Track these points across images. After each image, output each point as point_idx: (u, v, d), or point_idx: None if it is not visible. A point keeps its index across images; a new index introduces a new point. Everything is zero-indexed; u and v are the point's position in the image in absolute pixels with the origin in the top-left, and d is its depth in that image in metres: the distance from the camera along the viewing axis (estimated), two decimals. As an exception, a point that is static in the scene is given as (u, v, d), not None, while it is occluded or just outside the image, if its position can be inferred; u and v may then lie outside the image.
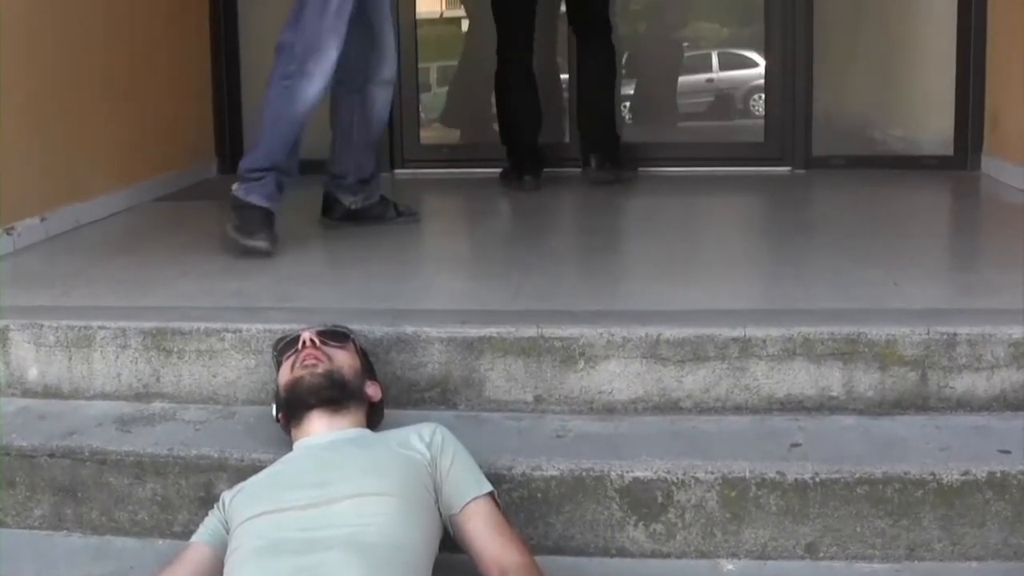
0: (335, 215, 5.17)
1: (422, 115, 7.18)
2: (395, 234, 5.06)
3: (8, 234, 4.72)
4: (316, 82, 4.56)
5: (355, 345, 3.20)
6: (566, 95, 6.80)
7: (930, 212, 5.76)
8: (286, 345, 3.18)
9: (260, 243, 4.51)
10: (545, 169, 6.22)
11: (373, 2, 4.77)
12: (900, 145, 6.89)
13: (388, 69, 4.92)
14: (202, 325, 3.54)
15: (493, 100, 6.39)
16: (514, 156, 6.23)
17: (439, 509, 2.78)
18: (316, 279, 4.24)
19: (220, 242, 4.65)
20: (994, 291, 3.80)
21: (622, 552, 3.02)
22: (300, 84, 4.54)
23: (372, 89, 4.94)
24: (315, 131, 4.88)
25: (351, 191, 5.04)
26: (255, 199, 4.59)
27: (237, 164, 6.69)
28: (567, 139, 6.80)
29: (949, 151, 6.61)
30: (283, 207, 4.69)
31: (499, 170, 6.36)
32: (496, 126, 6.43)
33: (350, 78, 4.84)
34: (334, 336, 3.16)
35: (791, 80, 6.68)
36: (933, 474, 2.94)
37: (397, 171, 6.91)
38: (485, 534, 2.73)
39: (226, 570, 2.64)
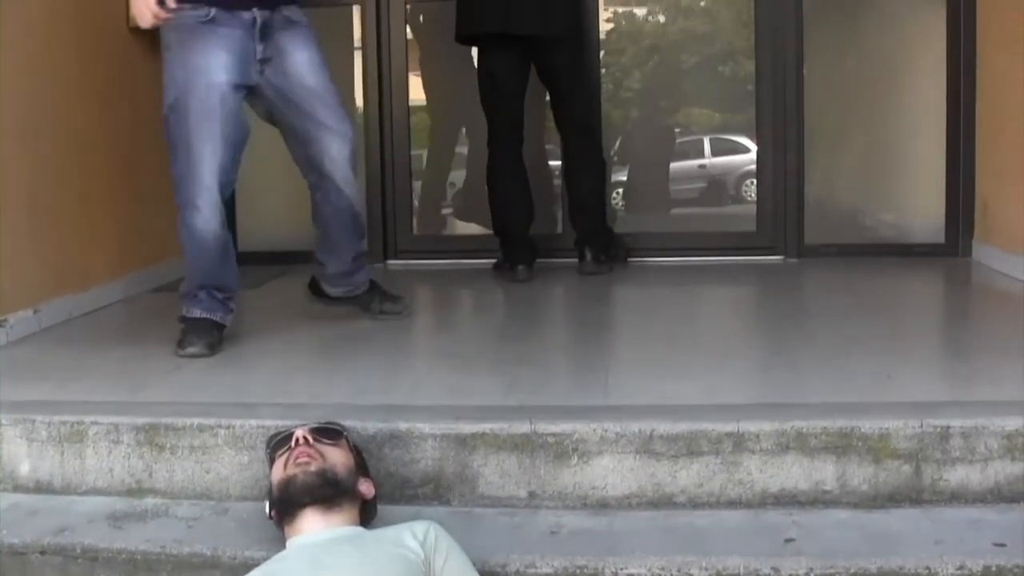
0: (320, 300, 5.17)
1: (415, 203, 7.20)
2: (388, 326, 5.07)
3: (1, 326, 4.72)
4: (205, 213, 4.54)
5: (348, 442, 3.20)
6: (558, 184, 6.82)
7: (923, 301, 5.78)
8: (279, 442, 3.18)
9: (192, 350, 4.50)
10: (538, 259, 6.23)
11: (281, 104, 4.65)
12: (892, 232, 6.92)
13: (331, 118, 4.69)
14: (195, 421, 3.53)
15: (486, 190, 6.39)
16: (507, 247, 6.25)
17: (433, 608, 2.78)
18: (309, 373, 4.24)
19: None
20: (987, 382, 3.80)
21: (618, 652, 3.01)
22: (192, 217, 4.55)
23: (324, 159, 4.76)
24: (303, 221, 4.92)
25: (332, 282, 5.04)
26: (195, 312, 4.62)
27: (231, 255, 6.76)
28: (559, 229, 6.83)
29: (940, 238, 6.64)
30: (276, 300, 4.69)
31: (492, 261, 6.37)
32: (489, 216, 6.43)
33: (308, 175, 4.84)
34: (327, 433, 3.16)
35: (782, 167, 6.72)
36: (928, 568, 2.93)
37: (390, 262, 6.94)
38: (478, 632, 2.73)
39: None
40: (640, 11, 7.52)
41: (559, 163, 6.76)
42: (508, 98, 6.23)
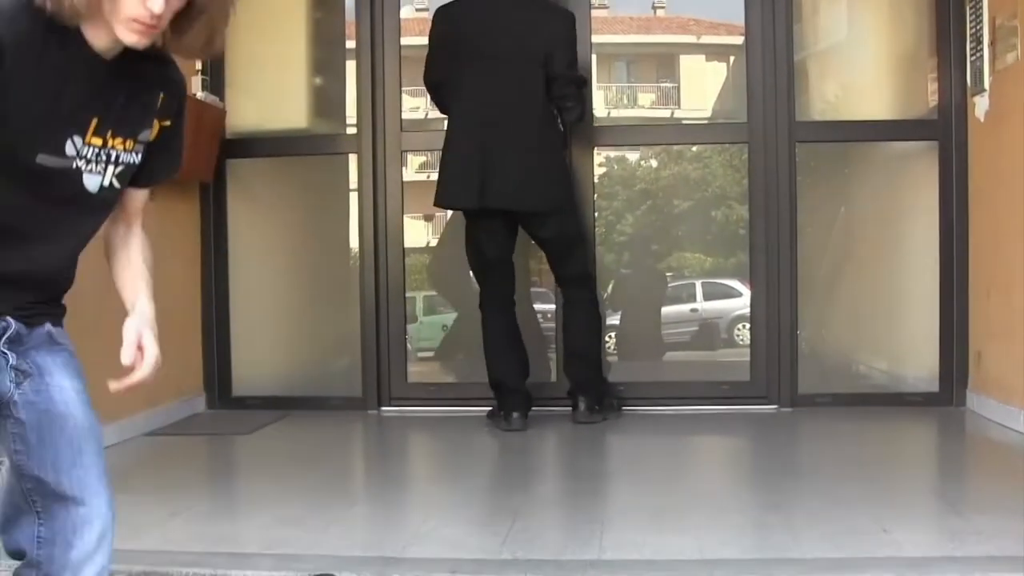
0: None
1: (409, 346, 7.22)
2: (382, 476, 5.06)
3: (-1, 468, 4.71)
4: None
5: (343, 600, 3.20)
6: (550, 331, 6.84)
7: (918, 452, 5.79)
8: (275, 595, 3.18)
9: None
10: (532, 408, 6.24)
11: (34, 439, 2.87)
12: (886, 381, 6.95)
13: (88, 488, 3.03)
14: (191, 571, 3.52)
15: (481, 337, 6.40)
16: (501, 396, 6.25)
17: None
18: (304, 523, 4.22)
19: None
20: (984, 538, 3.78)
21: None
22: None
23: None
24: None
25: None
26: None
27: (225, 399, 6.75)
28: (553, 377, 6.83)
29: (935, 387, 6.64)
30: (270, 446, 4.63)
31: (487, 408, 6.38)
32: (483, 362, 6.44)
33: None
34: (323, 586, 3.16)
35: (776, 314, 6.73)
36: None
37: (383, 408, 6.92)
38: None
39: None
40: (632, 155, 7.63)
41: (551, 307, 6.81)
42: (495, 265, 6.28)
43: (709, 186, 7.36)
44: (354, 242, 7.23)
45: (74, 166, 2.49)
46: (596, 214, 6.98)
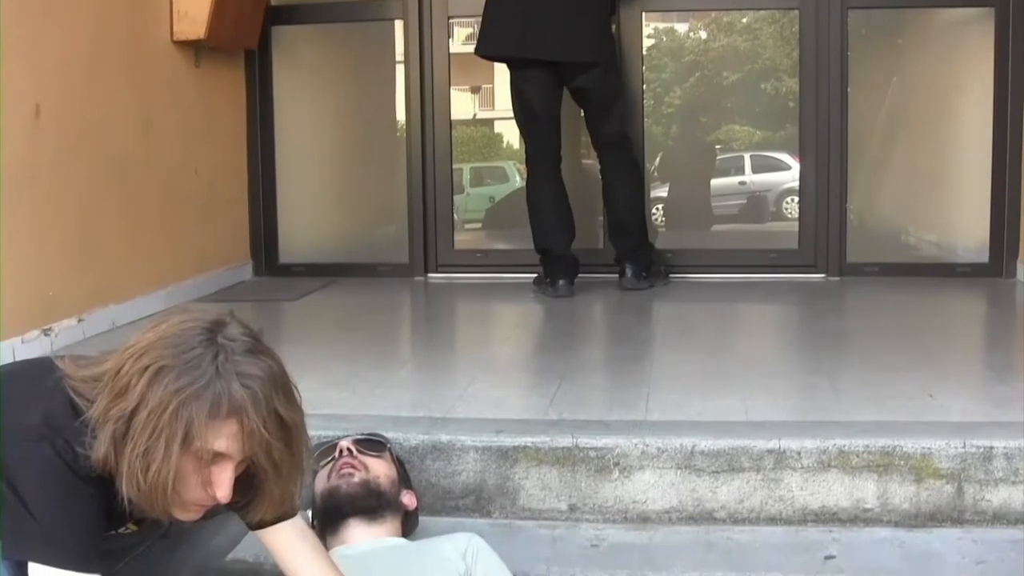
0: None
1: (456, 217, 7.22)
2: (430, 340, 5.08)
3: (46, 335, 4.76)
4: None
5: (391, 454, 3.22)
6: (600, 200, 6.81)
7: (965, 322, 5.76)
8: (323, 453, 3.19)
9: None
10: (579, 275, 6.23)
11: None
12: (935, 252, 6.90)
13: None
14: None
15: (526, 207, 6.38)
16: (547, 262, 6.24)
17: (474, 619, 2.78)
18: (351, 386, 4.24)
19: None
20: (1031, 403, 3.78)
21: (659, 664, 3.01)
22: None
23: None
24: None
25: None
26: None
27: (272, 266, 6.76)
28: (601, 244, 6.81)
29: (984, 258, 6.60)
30: (317, 312, 4.64)
31: (533, 275, 6.38)
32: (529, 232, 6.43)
33: None
34: (371, 445, 3.18)
35: (825, 186, 6.69)
36: (969, 589, 2.93)
37: (431, 275, 6.94)
38: (519, 644, 2.73)
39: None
40: (682, 27, 7.52)
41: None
42: (541, 118, 6.22)
43: (759, 58, 7.26)
44: (400, 113, 7.21)
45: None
46: (644, 86, 6.92)
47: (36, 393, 2.26)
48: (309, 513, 3.13)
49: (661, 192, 7.33)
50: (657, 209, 7.20)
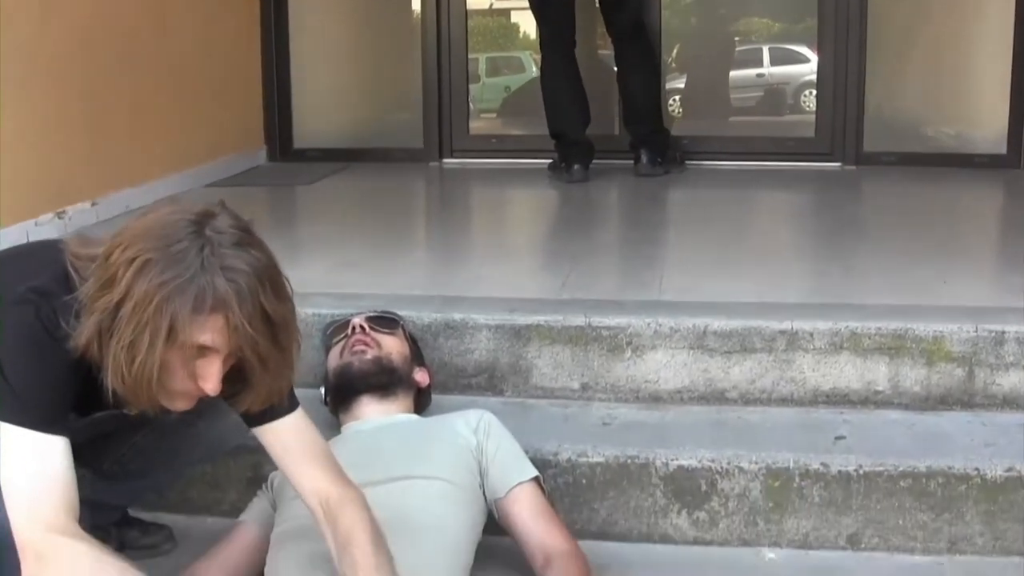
0: None
1: (471, 105, 7.19)
2: (444, 223, 5.08)
3: (59, 218, 4.77)
4: None
5: (404, 331, 3.23)
6: (615, 87, 6.76)
7: (981, 212, 5.74)
8: (336, 330, 3.21)
9: None
10: (594, 160, 6.21)
11: None
12: (952, 142, 6.85)
13: None
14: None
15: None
16: (562, 147, 6.22)
17: (484, 494, 2.80)
18: (365, 267, 4.25)
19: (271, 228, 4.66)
20: (1044, 290, 3.78)
21: (665, 539, 3.04)
22: None
23: None
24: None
25: None
26: None
27: (286, 151, 6.74)
28: (616, 131, 6.78)
29: (1002, 149, 6.55)
30: (330, 196, 4.62)
31: (548, 161, 6.36)
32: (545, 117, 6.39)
33: None
34: (383, 322, 3.19)
35: (843, 75, 6.63)
36: (977, 469, 2.95)
37: (446, 160, 6.92)
38: (530, 519, 2.75)
39: (271, 548, 2.67)
40: (701, -84, 7.44)
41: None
42: (554, 1, 6.18)
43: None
44: (416, 1, 7.14)
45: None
46: (662, -24, 6.86)
47: (34, 265, 2.27)
48: (323, 390, 3.15)
49: (678, 84, 7.29)
50: (674, 101, 7.16)
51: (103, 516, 2.88)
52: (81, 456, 2.24)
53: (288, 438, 2.47)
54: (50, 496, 2.12)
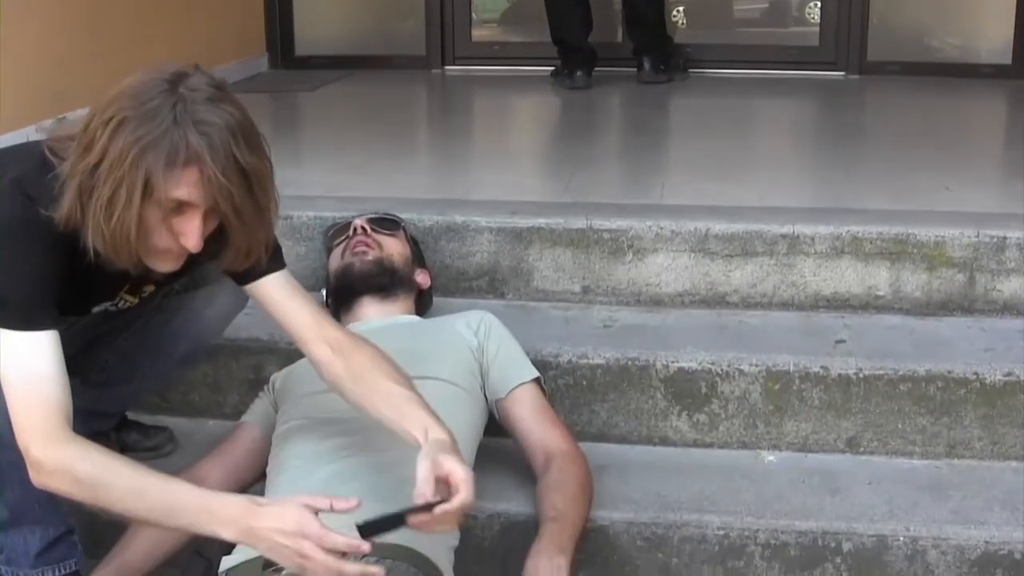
0: None
1: (473, 15, 7.14)
2: (446, 129, 5.06)
3: (60, 123, 4.75)
4: None
5: (405, 233, 3.22)
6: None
7: (985, 121, 5.72)
8: (337, 232, 3.20)
9: None
10: (597, 67, 6.18)
11: None
12: (957, 53, 6.80)
13: None
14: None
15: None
16: (565, 54, 6.19)
17: (485, 394, 2.81)
18: (367, 171, 4.24)
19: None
20: (1046, 197, 3.78)
21: (665, 441, 3.06)
22: None
23: None
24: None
25: None
26: None
27: (288, 59, 6.70)
28: (619, 38, 6.74)
29: (1007, 60, 6.51)
30: (332, 103, 4.58)
31: (551, 68, 6.33)
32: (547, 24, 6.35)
33: None
34: (385, 224, 3.18)
35: (848, -14, 6.60)
36: (976, 374, 2.96)
37: (448, 68, 6.88)
38: (530, 419, 2.77)
39: (273, 448, 2.69)
40: None
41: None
42: None
43: None
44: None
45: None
46: None
47: (10, 159, 2.30)
48: (323, 292, 3.16)
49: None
50: (678, 11, 7.10)
51: (100, 423, 2.89)
52: (68, 368, 2.26)
53: (281, 292, 2.51)
54: (42, 401, 2.14)
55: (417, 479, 2.14)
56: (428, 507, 2.08)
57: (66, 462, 2.10)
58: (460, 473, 2.13)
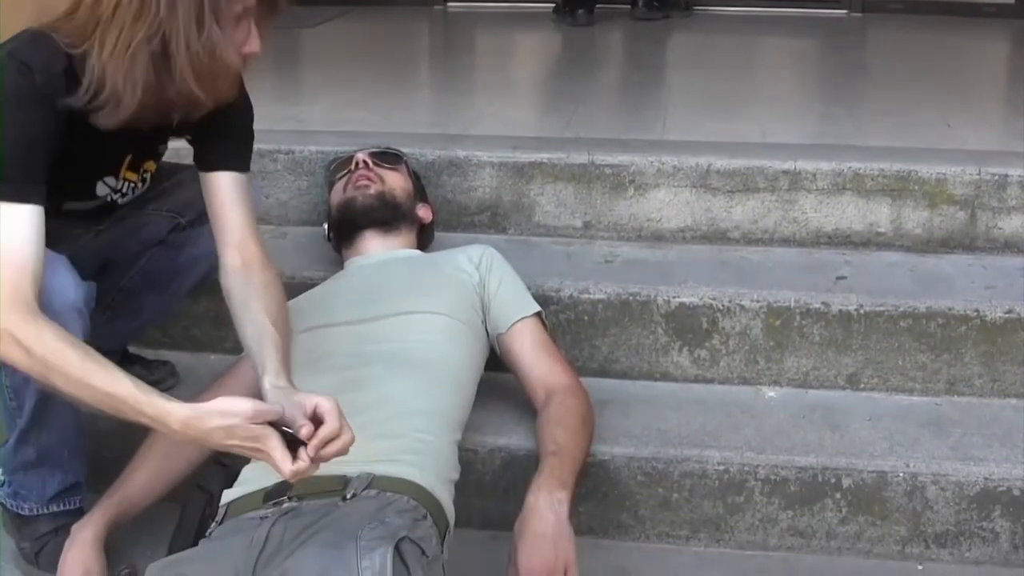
0: None
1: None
2: (448, 66, 5.05)
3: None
4: None
5: (407, 167, 3.21)
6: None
7: (987, 60, 5.71)
8: (339, 166, 3.19)
9: None
10: (599, 5, 6.16)
11: None
12: (960, -9, 6.79)
13: None
14: (255, 146, 3.53)
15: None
16: (566, -8, 6.18)
17: (486, 329, 2.81)
18: (367, 107, 4.23)
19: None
20: (1049, 136, 3.77)
21: (666, 376, 3.07)
22: None
23: None
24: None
25: None
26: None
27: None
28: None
29: (1010, -1, 6.52)
30: (332, 40, 4.55)
31: (552, 5, 6.31)
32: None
33: None
34: (387, 158, 3.17)
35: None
36: (977, 311, 2.96)
37: (450, 4, 6.86)
38: (531, 353, 2.76)
39: (274, 384, 2.69)
40: None
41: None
42: None
43: None
44: None
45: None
46: None
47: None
48: (326, 226, 3.15)
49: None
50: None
51: None
52: None
53: (230, 191, 2.51)
54: (14, 272, 2.13)
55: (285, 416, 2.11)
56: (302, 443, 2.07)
57: (21, 336, 2.09)
58: (325, 404, 2.10)
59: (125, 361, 3.06)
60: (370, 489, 2.24)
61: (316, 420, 2.07)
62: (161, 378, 3.09)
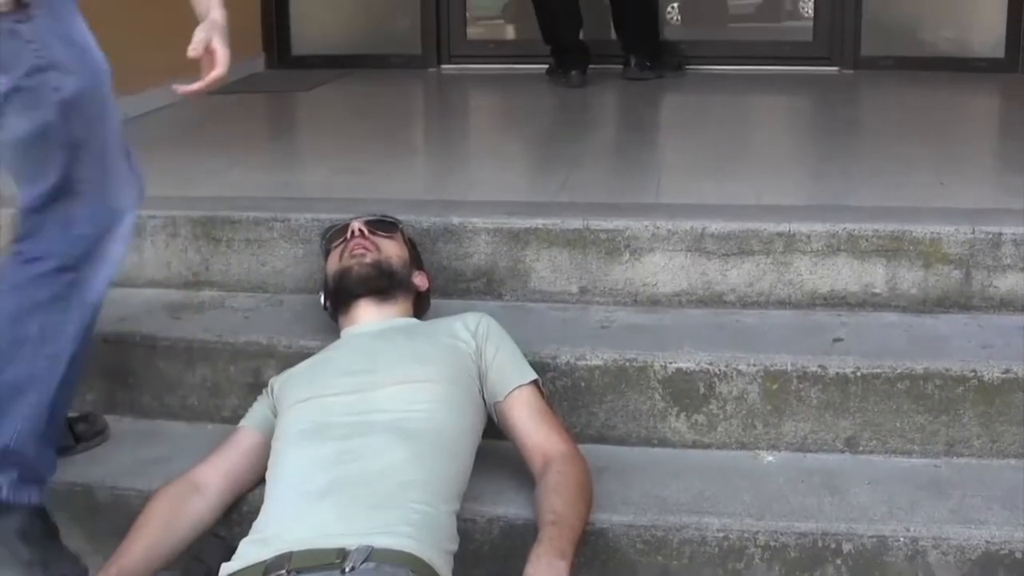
0: None
1: (468, 14, 7.15)
2: (442, 129, 5.07)
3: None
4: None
5: (403, 235, 3.22)
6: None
7: (978, 115, 5.74)
8: (335, 234, 3.20)
9: None
10: (591, 65, 6.19)
11: None
12: (950, 47, 6.81)
13: None
14: (251, 214, 3.56)
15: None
16: (558, 53, 6.21)
17: (483, 397, 2.81)
18: (364, 172, 4.25)
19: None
20: (1041, 192, 3.78)
21: (664, 442, 3.05)
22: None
23: None
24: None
25: None
26: None
27: (284, 58, 6.69)
28: (613, 35, 6.73)
29: (1000, 53, 6.54)
30: (328, 103, 4.61)
31: (546, 66, 6.34)
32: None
33: None
34: (382, 225, 3.18)
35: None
36: (974, 371, 2.95)
37: (444, 67, 6.89)
38: (529, 422, 2.75)
39: (272, 453, 2.68)
40: None
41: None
42: None
43: None
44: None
45: None
46: None
47: None
48: (322, 295, 3.15)
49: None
50: (672, 8, 7.11)
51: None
52: None
53: None
54: None
55: (192, 41, 2.72)
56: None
57: None
58: (221, 52, 2.69)
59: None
60: (369, 562, 2.23)
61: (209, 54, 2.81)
62: (103, 426, 3.15)
